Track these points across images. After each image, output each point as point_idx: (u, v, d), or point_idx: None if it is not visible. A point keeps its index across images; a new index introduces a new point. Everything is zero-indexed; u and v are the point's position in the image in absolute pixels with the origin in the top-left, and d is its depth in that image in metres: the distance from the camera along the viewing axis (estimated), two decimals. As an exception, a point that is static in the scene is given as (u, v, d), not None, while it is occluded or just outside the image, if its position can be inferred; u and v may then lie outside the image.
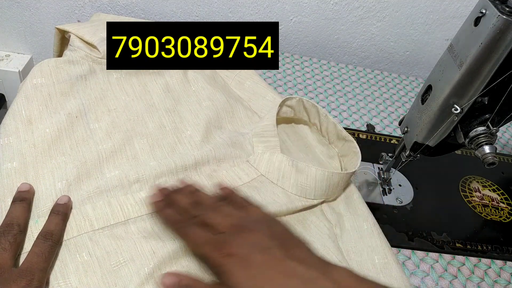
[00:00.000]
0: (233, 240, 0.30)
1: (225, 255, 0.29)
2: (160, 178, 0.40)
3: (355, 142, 0.47)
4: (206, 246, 0.31)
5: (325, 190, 0.43)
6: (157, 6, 0.74)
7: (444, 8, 0.75)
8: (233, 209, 0.34)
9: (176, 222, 0.34)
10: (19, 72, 0.79)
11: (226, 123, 0.49)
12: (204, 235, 0.32)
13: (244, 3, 0.74)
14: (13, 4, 0.74)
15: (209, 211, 0.34)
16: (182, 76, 0.51)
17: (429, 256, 0.47)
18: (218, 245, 0.30)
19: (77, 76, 0.47)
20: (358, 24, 0.77)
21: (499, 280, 0.46)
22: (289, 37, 0.79)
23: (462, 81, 0.38)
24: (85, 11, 0.76)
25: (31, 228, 0.34)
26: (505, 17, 0.33)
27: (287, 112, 0.52)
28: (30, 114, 0.42)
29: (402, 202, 0.52)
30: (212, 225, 0.32)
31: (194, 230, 0.32)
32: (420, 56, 0.83)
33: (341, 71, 0.75)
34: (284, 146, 0.49)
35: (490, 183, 0.58)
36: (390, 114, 0.67)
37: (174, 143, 0.45)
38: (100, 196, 0.37)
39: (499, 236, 0.51)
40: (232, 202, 0.36)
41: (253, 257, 0.29)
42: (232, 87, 0.55)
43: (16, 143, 0.39)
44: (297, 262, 0.28)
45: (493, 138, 0.39)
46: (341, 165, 0.49)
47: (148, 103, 0.48)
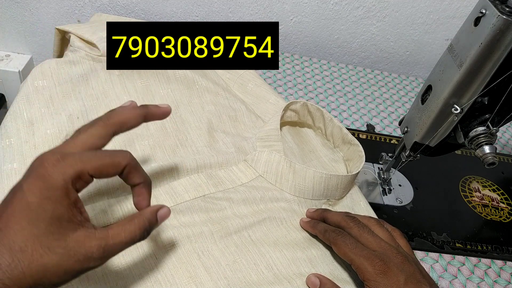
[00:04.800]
0: (391, 262, 0.33)
1: (380, 272, 0.32)
2: (161, 180, 0.40)
3: (360, 146, 0.47)
4: (361, 258, 0.33)
5: (323, 192, 0.43)
6: (157, 6, 0.74)
7: (444, 8, 0.75)
8: (387, 231, 0.37)
9: (330, 230, 0.37)
10: (19, 72, 0.79)
11: (229, 127, 0.49)
12: (360, 246, 0.34)
13: (244, 3, 0.74)
14: (13, 4, 0.74)
15: (365, 226, 0.37)
16: (185, 78, 0.51)
17: (429, 256, 0.47)
18: (375, 260, 0.33)
19: (78, 76, 0.47)
20: (358, 24, 0.77)
21: (499, 280, 0.46)
22: (289, 37, 0.79)
23: (462, 81, 0.38)
24: (85, 11, 0.76)
25: None
26: (505, 17, 0.33)
27: (291, 116, 0.51)
28: (31, 115, 0.42)
29: (402, 202, 0.52)
30: (367, 239, 0.35)
31: (349, 239, 0.35)
32: (420, 56, 0.83)
33: (341, 71, 0.75)
34: (289, 149, 0.49)
35: (490, 183, 0.58)
36: (390, 114, 0.68)
37: (176, 146, 0.44)
38: (100, 196, 0.37)
39: (499, 236, 0.51)
40: (383, 223, 0.39)
41: (408, 286, 0.32)
42: (234, 90, 0.55)
43: (17, 144, 0.39)
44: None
45: (493, 138, 0.39)
46: (347, 169, 0.49)
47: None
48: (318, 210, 0.41)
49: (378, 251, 0.34)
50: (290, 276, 0.36)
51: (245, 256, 0.36)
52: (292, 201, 0.42)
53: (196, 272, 0.34)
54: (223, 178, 0.42)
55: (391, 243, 0.35)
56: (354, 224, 0.36)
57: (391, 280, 0.32)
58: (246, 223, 0.38)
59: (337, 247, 0.36)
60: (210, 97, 0.51)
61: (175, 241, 0.35)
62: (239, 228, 0.38)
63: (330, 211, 0.40)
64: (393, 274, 0.32)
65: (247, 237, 0.38)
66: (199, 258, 0.35)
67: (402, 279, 0.32)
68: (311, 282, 0.35)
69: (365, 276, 0.33)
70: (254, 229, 0.38)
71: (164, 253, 0.34)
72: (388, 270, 0.32)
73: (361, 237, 0.35)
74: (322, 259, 0.38)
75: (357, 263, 0.33)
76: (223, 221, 0.38)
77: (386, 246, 0.34)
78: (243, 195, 0.41)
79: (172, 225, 0.37)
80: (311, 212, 0.41)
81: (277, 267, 0.36)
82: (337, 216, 0.38)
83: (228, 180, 0.42)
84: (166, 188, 0.39)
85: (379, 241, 0.35)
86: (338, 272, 0.38)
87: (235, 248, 0.36)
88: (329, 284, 0.34)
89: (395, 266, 0.33)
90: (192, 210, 0.38)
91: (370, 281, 0.32)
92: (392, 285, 0.32)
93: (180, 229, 0.36)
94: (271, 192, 0.42)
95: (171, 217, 0.37)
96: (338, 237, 0.36)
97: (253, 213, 0.40)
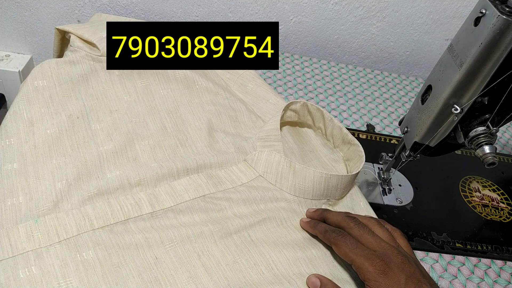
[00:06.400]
0: (391, 262, 0.33)
1: (380, 272, 0.32)
2: (161, 180, 0.40)
3: (360, 146, 0.47)
4: (362, 258, 0.33)
5: (323, 192, 0.43)
6: (157, 6, 0.74)
7: (444, 8, 0.75)
8: (387, 231, 0.37)
9: (330, 230, 0.37)
10: (19, 72, 0.79)
11: (229, 127, 0.49)
12: (360, 246, 0.34)
13: (244, 3, 0.74)
14: (13, 4, 0.74)
15: (365, 226, 0.37)
16: (185, 78, 0.51)
17: (429, 256, 0.47)
18: (375, 260, 0.33)
19: (78, 76, 0.47)
20: (358, 24, 0.77)
21: (499, 280, 0.46)
22: (289, 37, 0.79)
23: (462, 81, 0.38)
24: (85, 11, 0.76)
25: (30, 228, 0.34)
26: (505, 17, 0.33)
27: (291, 116, 0.51)
28: (31, 115, 0.42)
29: (402, 202, 0.52)
30: (367, 239, 0.35)
31: (350, 239, 0.35)
32: (420, 56, 0.83)
33: (341, 71, 0.75)
34: (289, 149, 0.49)
35: (490, 183, 0.58)
36: (390, 114, 0.68)
37: (176, 146, 0.44)
38: (100, 196, 0.37)
39: (499, 236, 0.51)
40: (384, 223, 0.39)
41: (409, 286, 0.32)
42: (234, 90, 0.55)
43: (17, 144, 0.39)
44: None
45: (493, 138, 0.39)
46: (347, 169, 0.49)
47: (150, 105, 0.48)
48: (318, 210, 0.41)
49: (379, 251, 0.34)
50: (290, 276, 0.36)
51: (245, 256, 0.36)
52: (292, 201, 0.42)
53: (196, 272, 0.34)
54: (223, 178, 0.42)
55: (392, 243, 0.35)
56: (355, 224, 0.36)
57: (392, 280, 0.32)
58: (246, 223, 0.38)
59: (337, 247, 0.36)
60: (210, 97, 0.51)
61: (175, 241, 0.35)
62: (239, 228, 0.38)
63: (330, 211, 0.40)
64: (393, 274, 0.32)
65: (247, 237, 0.38)
66: (199, 258, 0.35)
67: (403, 279, 0.32)
68: (312, 282, 0.35)
69: (366, 276, 0.33)
70: (254, 229, 0.38)
71: (164, 253, 0.34)
72: (388, 270, 0.32)
73: (361, 237, 0.35)
74: (322, 259, 0.38)
75: (358, 263, 0.33)
76: (223, 221, 0.38)
77: (386, 246, 0.34)
78: (243, 195, 0.41)
79: (172, 225, 0.37)
80: (311, 212, 0.41)
81: (277, 267, 0.36)
82: (337, 216, 0.38)
83: (228, 180, 0.42)
84: (166, 188, 0.39)
85: (379, 241, 0.35)
86: (338, 272, 0.38)
87: (235, 248, 0.36)
88: (329, 285, 0.34)
89: (395, 266, 0.33)
90: (192, 210, 0.38)
91: (370, 281, 0.32)
92: (393, 285, 0.32)
93: (180, 229, 0.36)
94: (271, 192, 0.42)
95: (171, 217, 0.37)
96: (338, 237, 0.36)
97: (253, 213, 0.40)
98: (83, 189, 0.37)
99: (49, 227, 0.34)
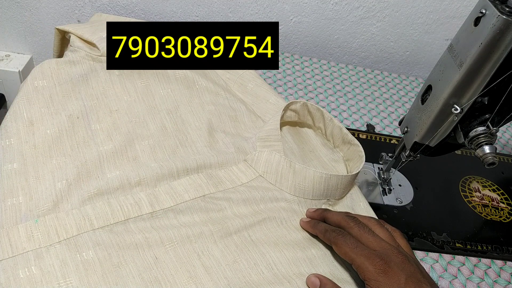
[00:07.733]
0: (391, 262, 0.33)
1: (381, 272, 0.32)
2: (161, 180, 0.40)
3: (360, 146, 0.47)
4: (362, 257, 0.33)
5: (323, 192, 0.43)
6: (157, 6, 0.74)
7: (444, 8, 0.75)
8: (387, 231, 0.37)
9: (330, 230, 0.37)
10: (19, 72, 0.79)
11: (229, 127, 0.49)
12: (360, 245, 0.34)
13: (244, 3, 0.74)
14: (13, 4, 0.74)
15: (366, 225, 0.37)
16: (185, 78, 0.51)
17: (429, 256, 0.47)
18: (375, 260, 0.33)
19: (78, 76, 0.47)
20: (358, 24, 0.77)
21: (499, 280, 0.46)
22: (289, 37, 0.79)
23: (462, 81, 0.38)
24: (85, 11, 0.76)
25: (30, 228, 0.34)
26: (505, 17, 0.33)
27: (291, 116, 0.51)
28: (31, 115, 0.42)
29: (402, 202, 0.52)
30: (367, 239, 0.35)
31: (350, 239, 0.35)
32: (420, 56, 0.83)
33: (341, 71, 0.75)
34: (289, 149, 0.49)
35: (490, 183, 0.58)
36: (390, 114, 0.68)
37: (176, 146, 0.44)
38: (100, 196, 0.37)
39: (499, 236, 0.51)
40: (383, 223, 0.39)
41: (409, 286, 0.32)
42: (234, 90, 0.55)
43: (17, 144, 0.39)
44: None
45: (493, 138, 0.39)
46: (347, 169, 0.49)
47: (150, 105, 0.48)
48: (318, 210, 0.41)
49: (379, 251, 0.34)
50: (290, 276, 0.36)
51: (245, 256, 0.36)
52: (292, 201, 0.42)
53: (196, 272, 0.34)
54: (223, 178, 0.42)
55: (392, 243, 0.35)
56: (355, 224, 0.36)
57: (392, 280, 0.32)
58: (246, 223, 0.38)
59: (337, 247, 0.36)
60: (210, 97, 0.51)
61: (175, 241, 0.35)
62: (239, 228, 0.38)
63: (330, 211, 0.40)
64: (393, 273, 0.32)
65: (247, 237, 0.38)
66: (199, 258, 0.35)
67: (403, 279, 0.32)
68: (311, 282, 0.35)
69: (366, 275, 0.33)
70: (254, 229, 0.38)
71: (164, 253, 0.34)
72: (389, 270, 0.32)
73: (361, 237, 0.35)
74: (322, 259, 0.38)
75: (358, 263, 0.33)
76: (223, 221, 0.38)
77: (386, 246, 0.34)
78: (243, 195, 0.41)
79: (172, 225, 0.37)
80: (311, 212, 0.41)
81: (277, 267, 0.36)
82: (338, 216, 0.38)
83: (228, 180, 0.42)
84: (166, 188, 0.39)
85: (379, 241, 0.35)
86: (338, 272, 0.38)
87: (235, 248, 0.36)
88: (329, 284, 0.34)
89: (395, 265, 0.33)
90: (192, 210, 0.38)
91: (371, 281, 0.32)
92: (393, 285, 0.32)
93: (180, 229, 0.36)
94: (271, 192, 0.42)
95: (171, 217, 0.37)
96: (338, 236, 0.36)
97: (253, 213, 0.40)
98: (83, 189, 0.37)
99: (49, 227, 0.34)
